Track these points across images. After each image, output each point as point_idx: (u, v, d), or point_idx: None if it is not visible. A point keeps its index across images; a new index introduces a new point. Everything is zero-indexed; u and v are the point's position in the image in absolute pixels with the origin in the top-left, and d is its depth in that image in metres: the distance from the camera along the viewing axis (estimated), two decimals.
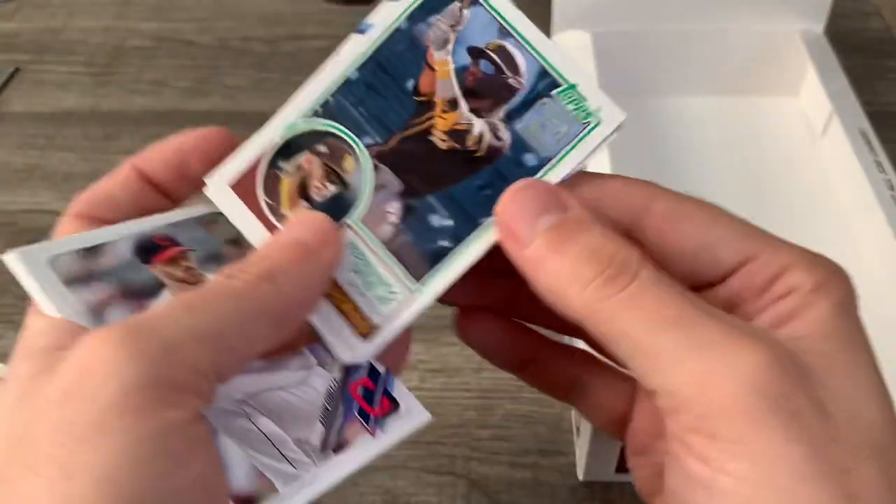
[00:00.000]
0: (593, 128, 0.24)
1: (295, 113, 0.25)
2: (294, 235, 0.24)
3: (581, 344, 0.29)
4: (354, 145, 0.25)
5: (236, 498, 0.22)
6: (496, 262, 0.24)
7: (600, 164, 0.43)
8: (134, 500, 0.18)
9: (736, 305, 0.23)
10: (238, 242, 0.26)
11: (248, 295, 0.22)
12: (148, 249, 0.25)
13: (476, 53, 0.24)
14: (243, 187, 0.25)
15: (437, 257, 0.25)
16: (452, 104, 0.25)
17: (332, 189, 0.25)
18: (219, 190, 0.25)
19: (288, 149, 0.25)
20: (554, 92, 0.24)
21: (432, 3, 0.25)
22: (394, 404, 0.25)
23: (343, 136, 0.25)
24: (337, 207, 0.25)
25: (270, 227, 0.25)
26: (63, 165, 0.55)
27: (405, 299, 0.25)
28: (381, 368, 0.26)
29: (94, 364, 0.19)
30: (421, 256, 0.25)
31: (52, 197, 0.53)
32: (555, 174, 0.24)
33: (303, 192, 0.25)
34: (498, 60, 0.24)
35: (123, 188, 0.26)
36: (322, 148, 0.25)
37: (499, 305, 0.28)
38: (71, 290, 0.23)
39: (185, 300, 0.21)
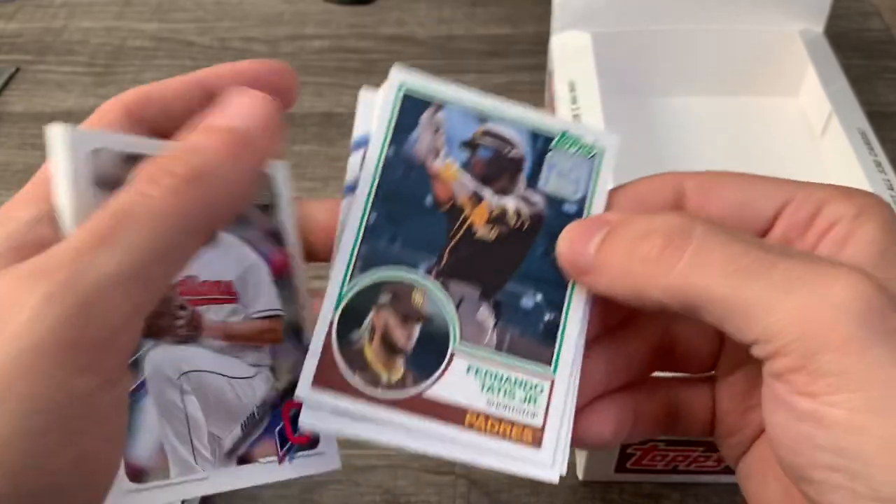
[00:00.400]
0: (601, 157, 0.26)
1: (336, 286, 0.24)
2: (228, 122, 0.21)
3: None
4: (414, 279, 0.25)
5: (129, 465, 0.22)
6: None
7: None
8: (7, 475, 0.17)
9: None
10: (268, 209, 0.25)
11: (172, 209, 0.19)
12: None
13: (470, 145, 0.25)
14: (326, 381, 0.23)
15: (552, 333, 0.25)
16: (477, 197, 0.25)
17: (417, 329, 0.24)
18: (311, 402, 0.23)
19: (349, 320, 0.24)
20: (552, 145, 0.26)
21: (403, 125, 0.25)
22: (314, 440, 0.25)
23: (397, 277, 0.25)
24: (433, 343, 0.24)
25: (379, 403, 0.23)
26: None
27: (549, 387, 0.24)
28: None
29: (3, 312, 0.17)
30: (537, 341, 0.25)
31: None
32: (596, 210, 0.26)
33: (390, 347, 0.24)
34: (492, 143, 0.26)
35: (182, 99, 0.24)
36: (384, 298, 0.24)
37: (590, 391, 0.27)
38: (96, 190, 0.21)
39: (97, 230, 0.19)
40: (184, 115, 0.24)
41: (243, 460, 0.24)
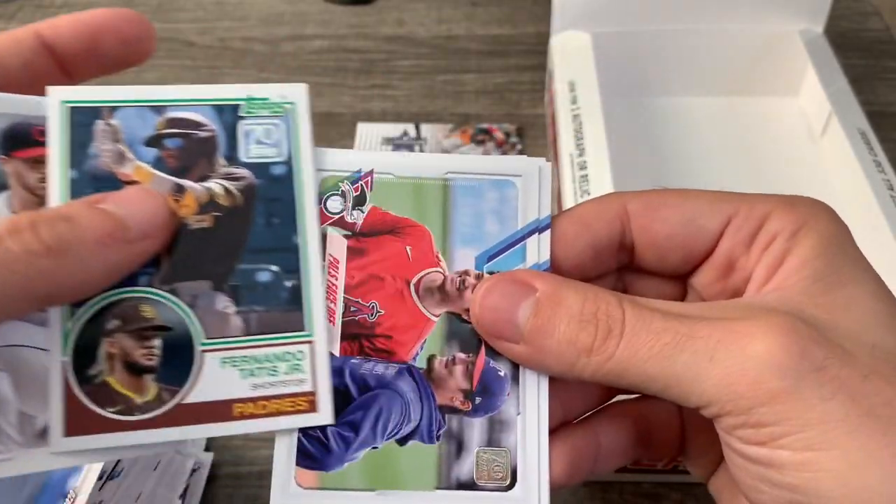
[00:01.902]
0: (294, 112, 0.25)
1: (56, 327, 0.23)
2: (116, 210, 0.21)
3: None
4: (136, 294, 0.23)
5: None
6: None
7: (600, 167, 0.43)
8: None
9: (734, 264, 0.24)
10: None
11: (22, 269, 0.19)
12: (17, 138, 0.22)
13: (155, 141, 0.24)
14: (80, 425, 0.22)
15: (296, 297, 0.24)
16: (179, 189, 0.24)
17: (157, 343, 0.23)
18: (67, 447, 0.22)
19: (83, 357, 0.23)
20: (240, 113, 0.25)
21: (77, 140, 0.23)
22: None
23: (117, 297, 0.23)
24: (177, 350, 0.23)
25: (140, 427, 0.23)
26: None
27: (308, 350, 0.24)
28: None
29: None
30: (283, 310, 0.24)
31: None
32: (305, 164, 0.25)
33: (135, 369, 0.23)
34: (177, 131, 0.24)
35: (18, 52, 0.23)
36: (112, 324, 0.23)
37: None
38: None
39: None
40: (20, 70, 0.23)
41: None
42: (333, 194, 0.25)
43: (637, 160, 0.50)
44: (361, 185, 0.26)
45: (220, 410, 0.23)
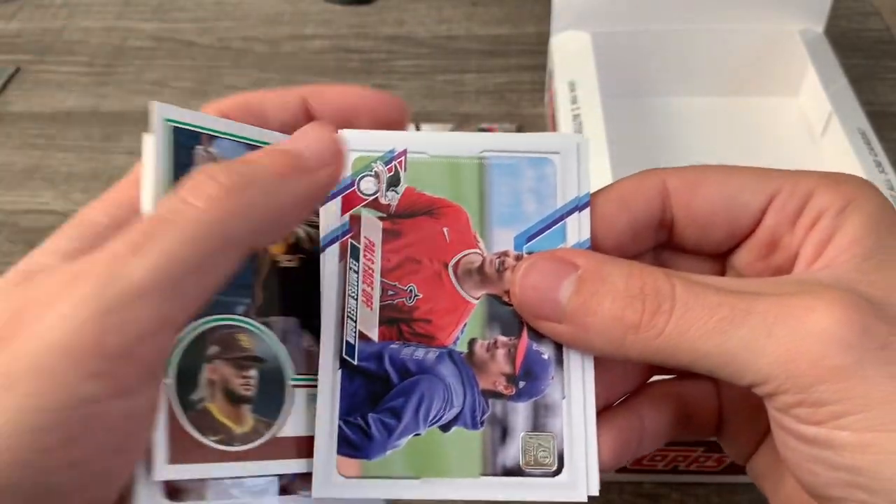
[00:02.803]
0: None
1: None
2: (290, 145, 0.21)
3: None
4: (234, 322, 0.23)
5: (167, 484, 0.21)
6: None
7: (600, 167, 0.43)
8: (4, 467, 0.17)
9: (777, 242, 0.24)
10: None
11: (210, 218, 0.19)
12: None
13: None
14: (183, 454, 0.21)
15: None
16: None
17: (254, 374, 0.23)
18: (168, 475, 0.21)
19: (185, 382, 0.22)
20: None
21: (179, 163, 0.23)
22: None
23: (216, 324, 0.23)
24: (271, 383, 0.23)
25: (240, 459, 0.22)
26: (64, 166, 0.55)
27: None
28: None
29: (34, 308, 0.18)
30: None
31: (52, 197, 0.53)
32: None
33: (234, 398, 0.23)
34: None
35: (281, 113, 0.24)
36: (212, 350, 0.23)
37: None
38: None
39: (133, 238, 0.18)
40: (280, 127, 0.24)
41: (284, 491, 0.23)
42: (366, 175, 0.25)
43: (637, 160, 0.50)
44: (395, 165, 0.25)
45: (310, 447, 0.23)
